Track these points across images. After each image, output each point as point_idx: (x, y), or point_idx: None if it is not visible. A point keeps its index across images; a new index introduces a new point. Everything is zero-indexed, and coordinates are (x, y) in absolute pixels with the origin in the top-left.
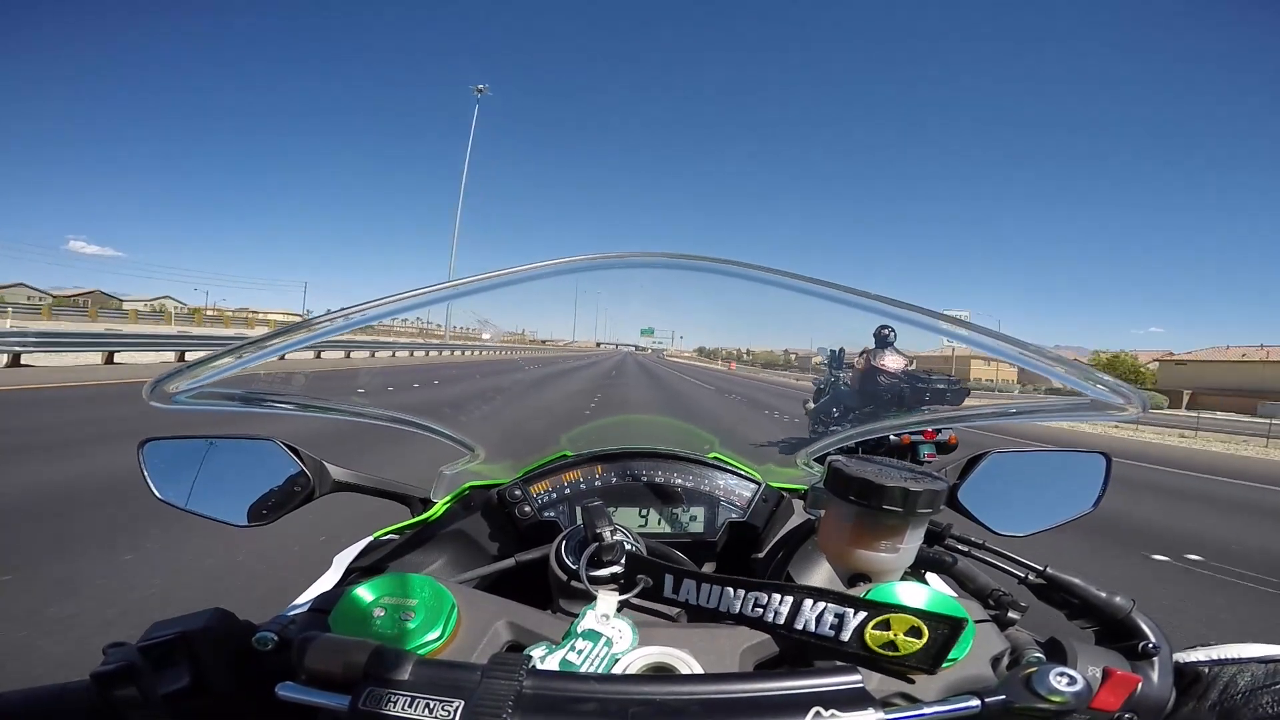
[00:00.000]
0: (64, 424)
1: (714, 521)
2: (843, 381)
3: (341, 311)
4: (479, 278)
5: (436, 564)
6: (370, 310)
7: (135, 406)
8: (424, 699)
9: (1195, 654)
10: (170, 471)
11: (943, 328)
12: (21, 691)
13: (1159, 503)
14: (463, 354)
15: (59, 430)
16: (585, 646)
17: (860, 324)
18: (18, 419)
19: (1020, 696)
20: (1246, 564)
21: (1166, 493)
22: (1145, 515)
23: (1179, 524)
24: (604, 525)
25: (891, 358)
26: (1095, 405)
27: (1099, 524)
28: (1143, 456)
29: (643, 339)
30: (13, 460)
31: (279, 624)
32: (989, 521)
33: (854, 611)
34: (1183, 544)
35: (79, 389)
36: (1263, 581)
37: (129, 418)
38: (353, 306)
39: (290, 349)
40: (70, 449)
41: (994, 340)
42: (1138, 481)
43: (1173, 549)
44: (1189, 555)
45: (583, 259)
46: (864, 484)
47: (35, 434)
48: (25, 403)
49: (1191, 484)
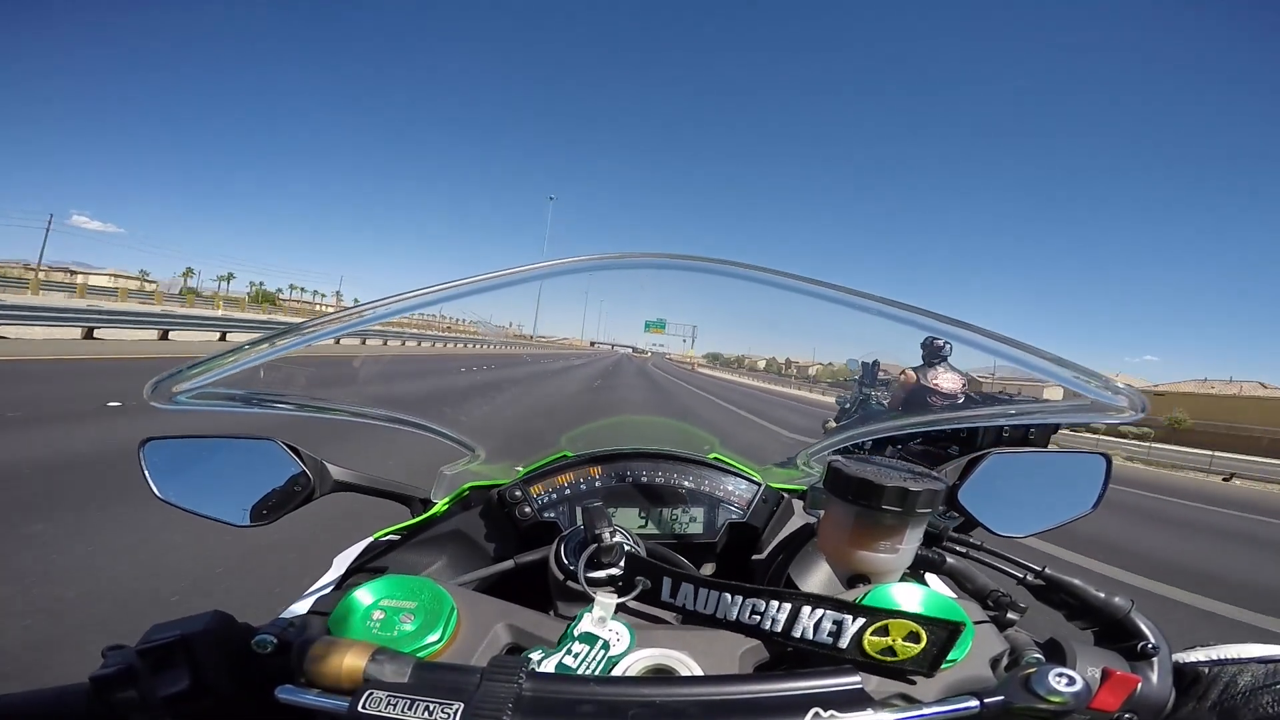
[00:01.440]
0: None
1: (714, 522)
2: (875, 399)
3: (342, 313)
4: (483, 277)
5: (436, 565)
6: (375, 310)
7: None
8: (424, 701)
9: (1194, 654)
10: (171, 471)
11: (944, 330)
12: (20, 694)
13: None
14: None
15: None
16: (582, 650)
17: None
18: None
19: (1019, 697)
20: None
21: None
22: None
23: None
24: (603, 526)
25: (946, 376)
26: (1095, 407)
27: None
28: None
29: (647, 334)
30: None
31: (278, 626)
32: (989, 522)
33: (852, 618)
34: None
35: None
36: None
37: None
38: (353, 308)
39: (291, 349)
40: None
41: (994, 342)
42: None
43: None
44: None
45: (584, 259)
46: (863, 484)
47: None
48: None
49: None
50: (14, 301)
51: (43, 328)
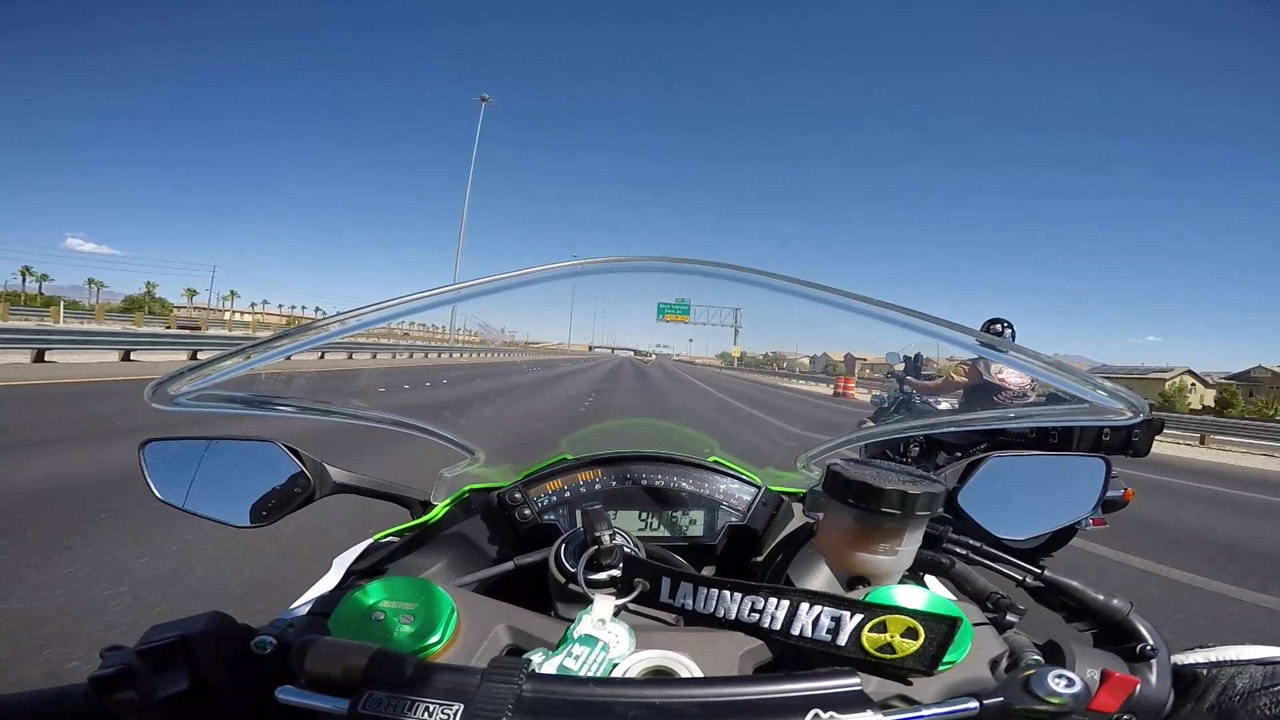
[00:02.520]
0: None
1: (714, 525)
2: (919, 398)
3: (344, 315)
4: (480, 281)
5: (436, 567)
6: (372, 314)
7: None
8: (423, 702)
9: (1193, 656)
10: (171, 472)
11: (945, 334)
12: (19, 695)
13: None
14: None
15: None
16: (581, 652)
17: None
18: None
19: (1018, 698)
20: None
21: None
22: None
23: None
24: (603, 529)
25: (1011, 369)
26: (1096, 410)
27: None
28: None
29: (663, 320)
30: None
31: (278, 627)
32: (988, 525)
33: (850, 614)
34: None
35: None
36: None
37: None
38: (352, 310)
39: (293, 351)
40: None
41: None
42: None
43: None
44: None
45: (584, 263)
46: (862, 487)
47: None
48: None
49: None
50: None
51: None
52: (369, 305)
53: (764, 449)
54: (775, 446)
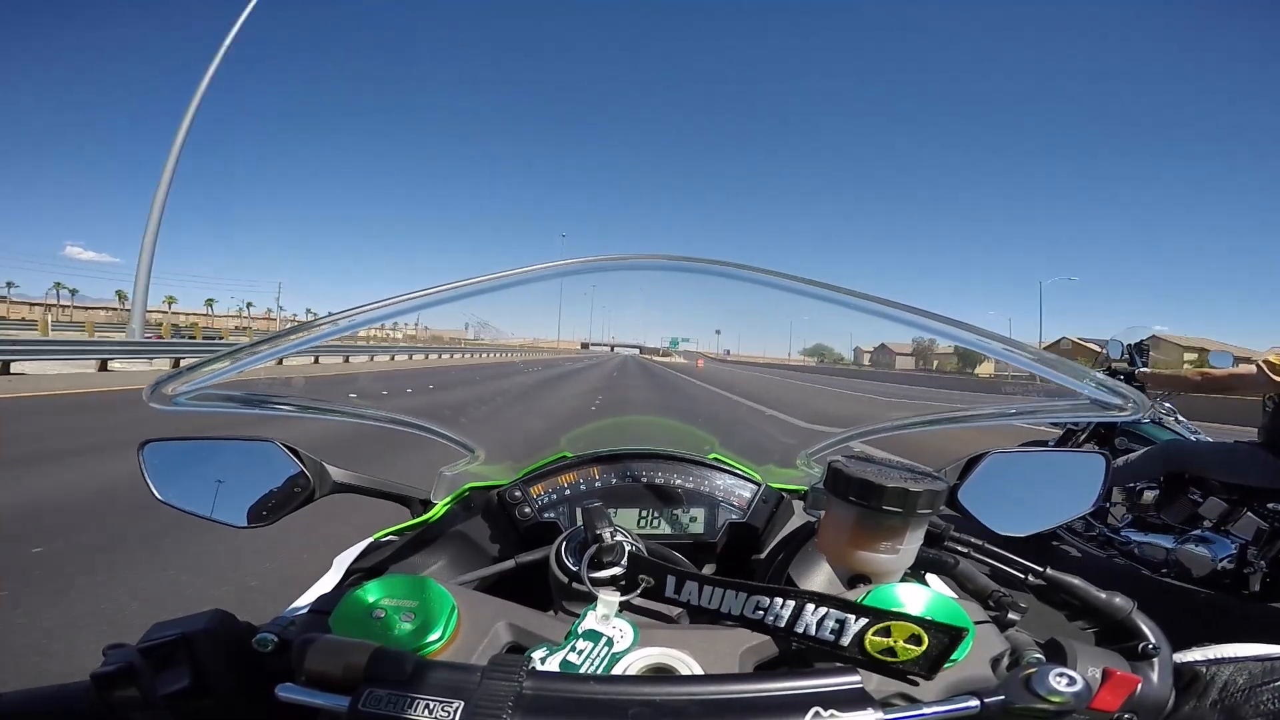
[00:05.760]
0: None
1: (714, 522)
2: (1169, 412)
3: (339, 315)
4: (477, 280)
5: (437, 565)
6: (365, 314)
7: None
8: (424, 700)
9: (1193, 654)
10: (170, 472)
11: (941, 329)
12: (21, 692)
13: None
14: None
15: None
16: (586, 647)
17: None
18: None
19: (1019, 697)
20: None
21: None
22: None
23: None
24: (604, 526)
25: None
26: (1094, 405)
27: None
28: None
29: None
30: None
31: (279, 625)
32: (989, 522)
33: (855, 618)
34: None
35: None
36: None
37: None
38: (347, 311)
39: (288, 352)
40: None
41: (991, 341)
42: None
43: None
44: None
45: (582, 261)
46: (864, 484)
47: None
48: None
49: None
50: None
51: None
52: (359, 306)
53: (763, 445)
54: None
